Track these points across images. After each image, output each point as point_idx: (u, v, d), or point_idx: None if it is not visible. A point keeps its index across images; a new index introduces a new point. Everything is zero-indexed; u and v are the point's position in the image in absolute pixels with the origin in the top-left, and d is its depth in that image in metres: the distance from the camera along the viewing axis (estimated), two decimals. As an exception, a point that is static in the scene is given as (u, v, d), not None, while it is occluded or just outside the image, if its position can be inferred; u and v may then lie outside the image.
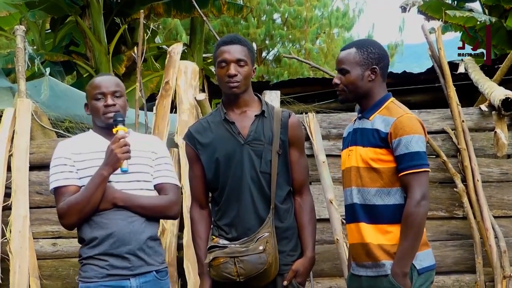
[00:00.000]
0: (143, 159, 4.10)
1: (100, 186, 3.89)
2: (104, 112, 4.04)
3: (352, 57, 3.96)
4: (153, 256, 4.03)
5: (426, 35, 6.68)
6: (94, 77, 4.26)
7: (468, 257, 6.34)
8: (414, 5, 13.52)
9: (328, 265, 6.36)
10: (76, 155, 4.02)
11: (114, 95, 4.08)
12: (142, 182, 4.05)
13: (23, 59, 7.18)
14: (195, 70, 6.88)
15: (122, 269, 3.93)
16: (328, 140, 6.52)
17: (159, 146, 4.28)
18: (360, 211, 3.90)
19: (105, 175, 3.89)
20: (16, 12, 11.97)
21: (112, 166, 3.88)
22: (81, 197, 3.91)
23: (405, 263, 3.76)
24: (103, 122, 4.06)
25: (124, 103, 4.13)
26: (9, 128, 6.58)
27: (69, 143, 4.15)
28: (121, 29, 13.43)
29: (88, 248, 3.97)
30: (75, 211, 3.93)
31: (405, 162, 3.78)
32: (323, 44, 26.66)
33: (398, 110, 3.91)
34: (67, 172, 4.00)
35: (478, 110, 6.62)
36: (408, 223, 3.74)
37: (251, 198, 4.06)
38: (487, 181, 6.42)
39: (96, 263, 3.94)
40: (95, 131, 4.16)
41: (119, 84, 4.18)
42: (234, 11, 13.36)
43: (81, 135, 4.32)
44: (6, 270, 6.14)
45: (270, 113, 4.18)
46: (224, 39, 4.19)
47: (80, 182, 3.99)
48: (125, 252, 3.92)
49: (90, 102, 4.11)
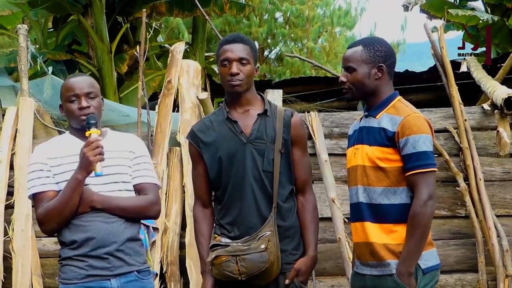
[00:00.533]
0: (121, 160, 4.03)
1: (76, 190, 3.83)
2: (78, 114, 3.96)
3: (358, 55, 3.93)
4: (133, 257, 3.96)
5: (429, 34, 6.68)
6: (67, 78, 4.18)
7: (470, 256, 6.35)
8: (416, 4, 13.51)
9: (330, 264, 6.37)
10: (52, 159, 3.96)
11: (88, 96, 3.99)
12: (120, 183, 3.99)
13: (26, 58, 7.20)
14: (197, 69, 6.89)
15: (102, 270, 3.87)
16: (330, 139, 6.53)
17: (137, 145, 4.19)
18: (365, 210, 3.88)
19: (80, 179, 3.82)
20: (19, 11, 11.96)
21: (86, 169, 3.81)
22: (59, 202, 3.86)
23: (411, 263, 3.74)
24: (79, 124, 3.99)
25: (99, 103, 4.05)
26: (11, 127, 6.60)
27: (45, 147, 4.08)
28: (123, 28, 13.42)
29: (68, 249, 3.93)
30: (54, 216, 3.88)
31: (412, 161, 3.76)
32: (325, 43, 26.64)
33: (405, 109, 3.89)
34: (44, 177, 3.94)
35: (480, 109, 6.63)
36: (415, 223, 3.73)
37: (254, 197, 4.06)
38: (490, 180, 6.42)
39: (75, 264, 3.89)
40: (71, 133, 4.10)
41: (93, 84, 4.07)
42: (236, 10, 13.36)
43: (57, 138, 4.28)
44: (8, 269, 6.16)
45: (273, 112, 4.17)
46: (226, 38, 4.19)
47: (57, 186, 3.93)
48: (104, 253, 3.87)
49: (64, 104, 4.03)
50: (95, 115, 3.95)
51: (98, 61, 12.74)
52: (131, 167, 4.07)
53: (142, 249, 4.08)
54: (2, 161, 6.42)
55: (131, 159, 4.07)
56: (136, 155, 4.11)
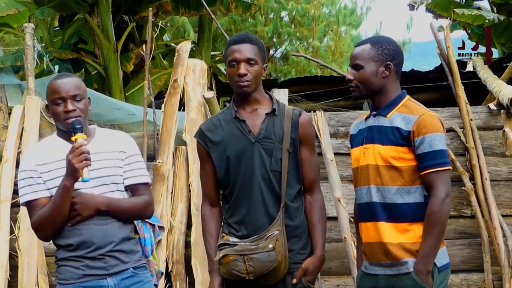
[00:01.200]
0: (110, 161, 3.99)
1: (66, 197, 3.80)
2: (64, 118, 3.89)
3: (366, 52, 3.92)
4: (129, 255, 3.96)
5: (435, 33, 6.68)
6: (52, 78, 4.09)
7: (476, 256, 6.35)
8: (422, 3, 13.49)
9: (335, 263, 6.38)
10: (41, 166, 3.92)
11: (74, 99, 3.91)
12: (111, 185, 3.96)
13: (32, 56, 7.21)
14: (204, 68, 6.89)
15: (98, 269, 3.87)
16: (336, 138, 6.54)
17: (128, 144, 4.13)
18: (379, 210, 3.87)
19: (68, 186, 3.77)
20: (25, 10, 11.99)
21: (72, 176, 3.76)
22: (50, 210, 3.83)
23: (429, 261, 3.75)
24: (64, 127, 3.93)
25: (85, 105, 3.97)
26: (18, 125, 6.61)
27: (33, 153, 4.06)
28: (129, 26, 13.43)
29: (64, 251, 3.92)
30: (47, 224, 3.87)
31: (428, 160, 3.76)
32: (331, 42, 26.61)
33: (418, 108, 3.90)
34: (35, 184, 3.90)
35: (486, 108, 6.63)
36: (432, 221, 3.73)
37: (262, 196, 4.06)
38: (496, 179, 6.42)
39: (72, 264, 3.88)
40: (59, 135, 4.04)
41: (80, 86, 3.98)
42: (242, 9, 13.36)
43: (46, 140, 4.19)
44: (14, 267, 6.17)
45: (281, 112, 4.17)
46: (234, 38, 4.19)
47: (49, 192, 3.90)
48: (99, 254, 3.87)
49: (50, 106, 3.96)
50: (81, 120, 3.89)
51: (104, 59, 12.75)
52: (122, 167, 4.03)
53: (136, 247, 4.07)
54: (8, 159, 6.43)
55: (122, 159, 4.04)
56: (128, 154, 4.07)
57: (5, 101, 7.59)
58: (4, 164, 6.41)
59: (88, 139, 3.94)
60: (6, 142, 6.53)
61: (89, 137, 3.98)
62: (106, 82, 12.71)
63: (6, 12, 11.04)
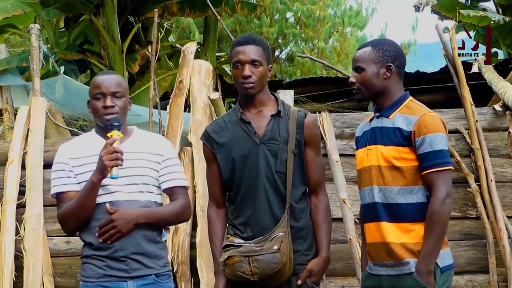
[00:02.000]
0: (144, 162, 4.02)
1: (91, 193, 3.84)
2: (103, 113, 3.95)
3: (367, 55, 3.97)
4: (153, 260, 3.97)
5: (440, 35, 6.67)
6: (97, 74, 4.17)
7: (481, 257, 6.34)
8: (427, 5, 13.47)
9: (340, 264, 6.37)
10: (74, 159, 3.97)
11: (114, 95, 3.97)
12: (141, 185, 3.98)
13: (38, 57, 7.23)
14: (209, 69, 6.89)
15: (119, 271, 3.89)
16: (342, 139, 6.53)
17: (165, 147, 4.17)
18: (382, 210, 3.90)
19: (95, 182, 3.82)
20: (31, 11, 12.01)
21: (101, 173, 3.80)
22: (76, 204, 3.87)
23: (430, 261, 3.77)
24: (102, 123, 3.99)
25: (124, 104, 4.03)
26: (23, 126, 6.62)
27: (68, 147, 4.09)
28: (135, 27, 13.45)
29: (88, 248, 3.96)
30: (71, 218, 3.92)
31: (429, 160, 3.80)
32: (336, 43, 26.60)
33: (420, 109, 3.93)
34: (65, 177, 3.96)
35: (492, 110, 6.62)
36: (433, 221, 3.76)
37: (267, 197, 4.07)
38: (501, 181, 6.41)
39: (95, 263, 3.92)
40: (97, 131, 4.09)
41: (121, 84, 4.05)
42: (248, 10, 13.36)
43: (83, 136, 4.27)
44: (20, 268, 6.18)
45: (286, 113, 4.18)
46: (239, 39, 4.19)
47: (79, 186, 3.94)
48: (122, 256, 3.89)
49: (91, 101, 4.03)
50: (119, 117, 3.94)
51: (110, 61, 12.77)
52: (159, 171, 4.06)
53: (162, 252, 4.07)
54: (14, 160, 6.43)
55: (158, 162, 4.07)
56: (165, 157, 4.10)
57: (10, 102, 7.63)
58: (9, 165, 6.41)
59: (125, 137, 3.99)
60: (11, 143, 6.54)
61: (126, 136, 4.03)
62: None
63: (12, 13, 11.05)
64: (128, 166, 3.89)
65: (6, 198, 6.31)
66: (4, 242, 6.19)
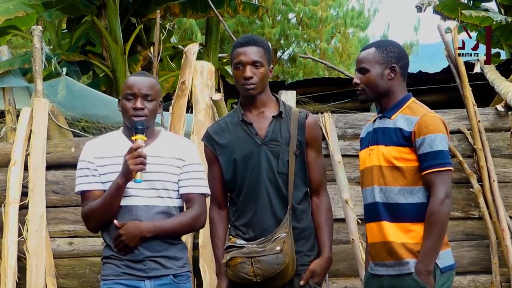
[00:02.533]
0: (167, 167, 4.01)
1: (117, 195, 3.87)
2: (132, 114, 3.95)
3: (371, 56, 3.97)
4: (172, 261, 3.98)
5: (442, 35, 6.67)
6: (131, 75, 4.18)
7: (484, 258, 6.34)
8: (429, 5, 13.50)
9: (343, 265, 6.37)
10: (99, 159, 3.98)
11: (146, 98, 3.96)
12: (162, 190, 3.98)
13: (40, 59, 7.23)
14: (211, 70, 6.89)
15: (138, 271, 3.91)
16: (344, 140, 6.53)
17: (188, 152, 4.14)
18: (382, 210, 3.90)
19: (120, 184, 3.84)
20: (33, 12, 12.03)
21: (126, 177, 3.82)
22: (100, 205, 3.90)
23: (429, 261, 3.77)
24: (129, 124, 3.99)
25: (155, 107, 4.01)
26: (26, 128, 6.63)
27: (94, 145, 4.09)
28: (137, 29, 13.45)
29: (109, 249, 3.98)
30: (95, 217, 3.96)
31: (428, 160, 3.80)
32: (338, 44, 26.65)
33: (421, 110, 3.94)
34: (90, 176, 3.99)
35: (494, 110, 6.62)
36: (432, 221, 3.76)
37: (268, 198, 4.07)
38: (503, 181, 6.40)
39: (114, 262, 3.94)
40: (123, 131, 4.10)
41: (154, 87, 4.03)
42: (250, 11, 13.36)
43: (109, 135, 4.24)
44: (23, 269, 6.18)
45: (287, 114, 4.18)
46: (239, 41, 4.19)
47: (103, 186, 3.96)
48: (141, 258, 3.91)
49: (121, 100, 4.04)
50: (145, 121, 3.93)
51: (112, 62, 12.78)
52: (179, 175, 4.06)
53: (181, 254, 4.07)
54: (17, 161, 6.44)
55: (180, 167, 4.06)
56: (186, 163, 4.08)
57: (13, 103, 7.63)
58: (12, 166, 6.42)
59: (150, 140, 3.98)
60: (14, 144, 6.54)
61: (151, 139, 4.02)
62: (114, 84, 12.73)
63: (15, 14, 11.06)
64: (149, 171, 3.89)
65: (9, 199, 6.32)
66: (7, 243, 6.20)
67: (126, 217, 3.91)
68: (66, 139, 6.81)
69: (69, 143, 6.56)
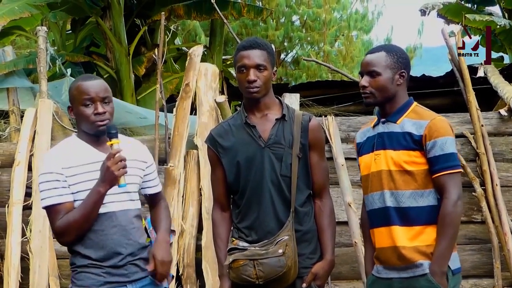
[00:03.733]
0: (135, 170, 3.99)
1: (98, 203, 3.77)
2: (94, 120, 3.86)
3: (383, 60, 3.97)
4: (146, 262, 3.96)
5: (446, 39, 6.68)
6: (77, 79, 4.06)
7: (486, 262, 6.35)
8: (433, 9, 13.49)
9: (346, 268, 6.38)
10: (66, 169, 3.83)
11: (104, 101, 3.89)
12: (132, 193, 3.96)
13: (45, 59, 7.25)
14: (215, 72, 6.91)
15: (120, 276, 3.86)
16: (347, 143, 6.54)
17: (147, 153, 4.18)
18: (393, 214, 3.91)
19: (102, 192, 3.74)
20: (38, 13, 12.03)
21: (110, 183, 3.74)
22: (80, 215, 3.77)
23: (443, 262, 3.79)
24: (92, 130, 3.90)
25: (112, 109, 3.95)
26: (30, 128, 6.65)
27: (57, 155, 3.92)
28: (141, 30, 13.47)
29: (82, 258, 3.88)
30: (74, 229, 3.80)
31: (440, 163, 3.83)
32: (342, 47, 26.63)
33: (427, 113, 3.97)
34: (60, 188, 3.82)
35: (497, 114, 6.63)
36: (446, 223, 3.78)
37: (271, 201, 4.07)
38: (506, 185, 6.42)
39: (93, 271, 3.85)
40: (80, 137, 3.98)
41: (108, 89, 3.96)
42: (254, 13, 13.36)
43: (66, 143, 4.06)
44: (26, 269, 6.20)
45: (290, 117, 4.18)
46: (243, 44, 4.18)
47: (73, 197, 3.84)
48: (124, 262, 3.87)
49: (77, 107, 3.90)
50: (114, 124, 3.89)
51: (116, 63, 12.79)
52: (142, 177, 4.07)
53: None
54: (21, 162, 6.46)
55: (142, 169, 4.07)
56: (148, 164, 4.12)
57: (17, 104, 7.65)
58: (16, 167, 6.44)
59: None
60: (18, 144, 6.57)
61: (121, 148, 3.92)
62: (118, 86, 12.74)
63: (19, 15, 11.07)
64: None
65: (13, 199, 6.35)
66: (10, 244, 6.22)
67: (105, 224, 3.85)
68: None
69: (73, 144, 6.57)
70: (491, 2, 14.87)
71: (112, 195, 3.84)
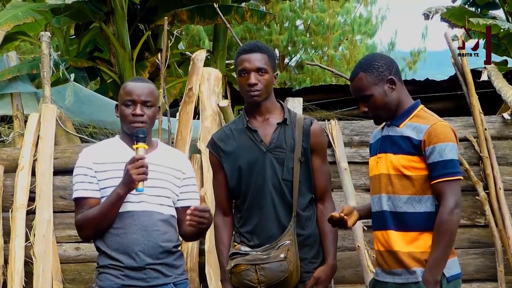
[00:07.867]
0: (169, 176, 4.01)
1: (116, 205, 3.82)
2: (131, 120, 3.93)
3: (365, 81, 3.91)
4: (171, 269, 3.95)
5: (449, 43, 6.68)
6: (128, 80, 4.16)
7: (489, 265, 6.34)
8: (437, 13, 13.47)
9: (349, 272, 6.38)
10: (98, 165, 3.92)
11: (145, 104, 3.94)
12: (163, 198, 3.96)
13: (48, 65, 7.26)
14: (218, 76, 6.92)
15: (138, 280, 3.85)
16: (350, 147, 6.54)
17: (187, 165, 4.20)
18: (389, 219, 3.88)
19: (121, 194, 3.79)
20: (41, 18, 12.03)
21: (128, 186, 3.77)
22: (97, 213, 3.84)
23: (437, 271, 3.74)
24: (128, 130, 3.96)
25: (154, 113, 4.00)
26: (34, 133, 6.66)
27: (93, 151, 4.03)
28: (145, 35, 13.46)
29: (105, 257, 3.91)
30: (91, 226, 3.88)
31: (438, 169, 3.76)
32: (346, 51, 26.66)
33: (430, 118, 3.89)
34: (86, 183, 3.91)
35: (500, 118, 6.63)
36: (441, 231, 3.73)
37: (273, 205, 4.07)
38: (509, 189, 6.41)
39: (112, 273, 3.87)
40: (122, 137, 4.06)
41: (153, 93, 4.00)
42: (257, 18, 13.33)
43: (107, 141, 4.19)
44: (30, 274, 6.20)
45: (292, 121, 4.18)
46: (244, 47, 4.19)
47: (100, 193, 3.91)
48: (141, 265, 3.86)
49: (120, 106, 4.00)
50: (146, 128, 3.91)
51: (120, 68, 12.79)
52: (180, 187, 4.06)
53: (179, 261, 4.04)
54: (24, 167, 6.47)
55: (180, 179, 4.07)
56: (186, 176, 4.11)
57: (21, 109, 7.67)
58: (20, 172, 6.45)
59: (150, 149, 3.95)
60: (22, 149, 6.57)
61: (151, 148, 4.00)
62: (121, 90, 12.73)
63: (23, 20, 11.07)
64: (151, 178, 3.85)
65: (16, 204, 6.35)
66: (14, 248, 6.22)
67: (127, 222, 3.87)
68: (74, 145, 6.84)
69: (76, 148, 6.58)
70: (495, 5, 14.86)
71: (139, 195, 3.86)
